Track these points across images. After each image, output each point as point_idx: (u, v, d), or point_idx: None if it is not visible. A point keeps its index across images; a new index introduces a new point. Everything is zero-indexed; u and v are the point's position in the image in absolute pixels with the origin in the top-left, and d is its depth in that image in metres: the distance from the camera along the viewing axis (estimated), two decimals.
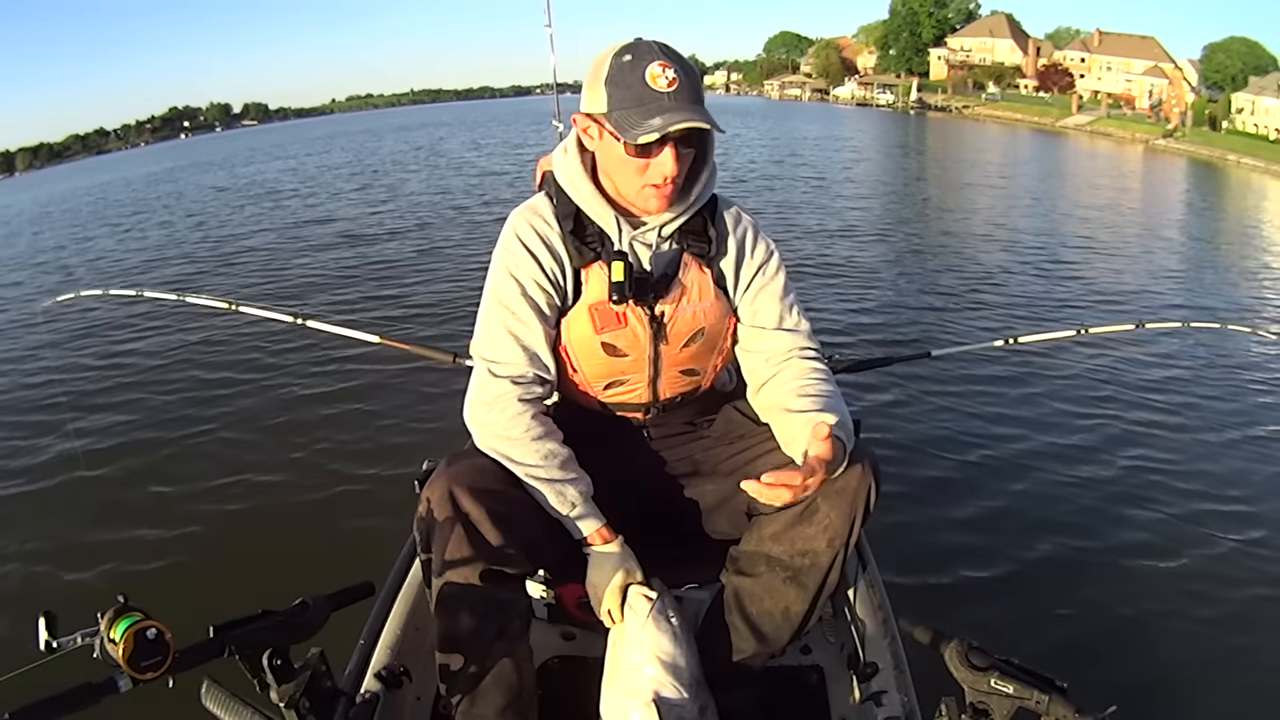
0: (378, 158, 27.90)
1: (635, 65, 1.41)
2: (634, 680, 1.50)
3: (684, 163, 1.48)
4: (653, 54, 1.41)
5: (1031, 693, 1.23)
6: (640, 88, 1.40)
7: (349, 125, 68.39)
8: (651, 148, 1.43)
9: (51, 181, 44.53)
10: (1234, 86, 50.95)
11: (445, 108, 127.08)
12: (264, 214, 15.33)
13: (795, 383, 1.58)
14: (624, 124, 1.41)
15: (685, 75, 1.41)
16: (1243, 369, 6.18)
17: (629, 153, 1.44)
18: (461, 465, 1.49)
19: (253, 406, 5.40)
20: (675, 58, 1.42)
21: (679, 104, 1.39)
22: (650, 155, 1.44)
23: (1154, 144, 41.57)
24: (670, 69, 1.40)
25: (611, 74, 1.44)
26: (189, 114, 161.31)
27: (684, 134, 1.42)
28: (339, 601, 1.38)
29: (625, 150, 1.44)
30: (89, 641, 1.07)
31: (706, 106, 1.51)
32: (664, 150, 1.43)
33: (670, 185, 1.48)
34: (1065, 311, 7.81)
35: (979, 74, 70.17)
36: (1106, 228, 13.09)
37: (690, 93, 1.41)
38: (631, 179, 1.49)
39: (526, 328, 1.56)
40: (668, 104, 1.39)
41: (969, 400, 5.30)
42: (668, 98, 1.39)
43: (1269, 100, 44.78)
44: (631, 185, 1.50)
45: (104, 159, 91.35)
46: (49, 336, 7.41)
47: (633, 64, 1.41)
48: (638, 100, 1.40)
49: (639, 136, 1.39)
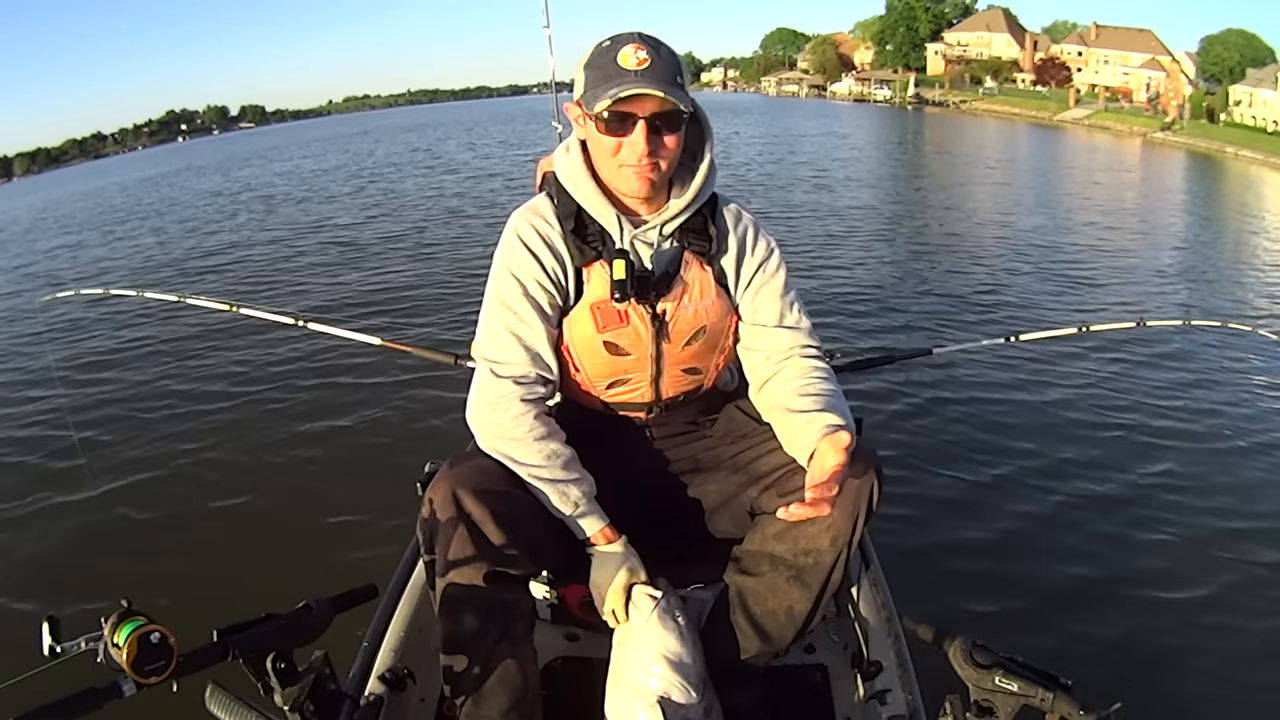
0: (373, 160, 27.79)
1: (611, 49, 1.45)
2: (639, 680, 1.50)
3: (660, 145, 1.48)
4: (630, 39, 1.45)
5: (1036, 690, 1.23)
6: (611, 67, 1.43)
7: (346, 127, 68.26)
8: (623, 126, 1.45)
9: (48, 187, 44.43)
10: (1232, 79, 51.02)
11: (442, 108, 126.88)
12: (257, 218, 15.29)
13: (796, 382, 1.58)
14: (590, 100, 1.45)
15: (659, 58, 1.43)
16: (1243, 367, 6.19)
17: (600, 130, 1.47)
18: (464, 466, 1.49)
19: (254, 409, 5.40)
20: (652, 43, 1.45)
21: (641, 80, 1.40)
22: (622, 134, 1.46)
23: (1152, 137, 41.62)
24: (643, 50, 1.42)
25: (590, 59, 1.48)
26: (186, 117, 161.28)
27: (660, 115, 1.44)
28: (342, 604, 1.38)
29: (597, 128, 1.47)
30: (93, 646, 1.07)
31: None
32: (635, 129, 1.45)
33: (647, 164, 1.48)
34: (1067, 309, 7.81)
35: (976, 68, 70.13)
36: (1107, 223, 13.09)
37: (661, 72, 1.43)
38: (608, 160, 1.51)
39: (528, 328, 1.56)
40: (632, 79, 1.41)
41: (971, 397, 5.31)
42: (634, 74, 1.41)
43: (1267, 92, 44.81)
44: (609, 166, 1.52)
45: (101, 163, 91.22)
46: (49, 336, 7.42)
47: (609, 48, 1.45)
48: (606, 77, 1.43)
49: (594, 105, 1.42)
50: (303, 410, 5.31)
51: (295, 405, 5.41)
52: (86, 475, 4.35)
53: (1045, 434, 4.84)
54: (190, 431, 5.10)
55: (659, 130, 1.46)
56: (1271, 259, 11.39)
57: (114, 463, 4.70)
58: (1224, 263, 11.12)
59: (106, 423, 5.33)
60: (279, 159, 33.87)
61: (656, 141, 1.47)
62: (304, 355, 6.17)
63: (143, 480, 4.48)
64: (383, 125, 62.75)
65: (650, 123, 1.44)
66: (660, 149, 1.48)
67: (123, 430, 5.20)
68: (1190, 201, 19.37)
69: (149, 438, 5.06)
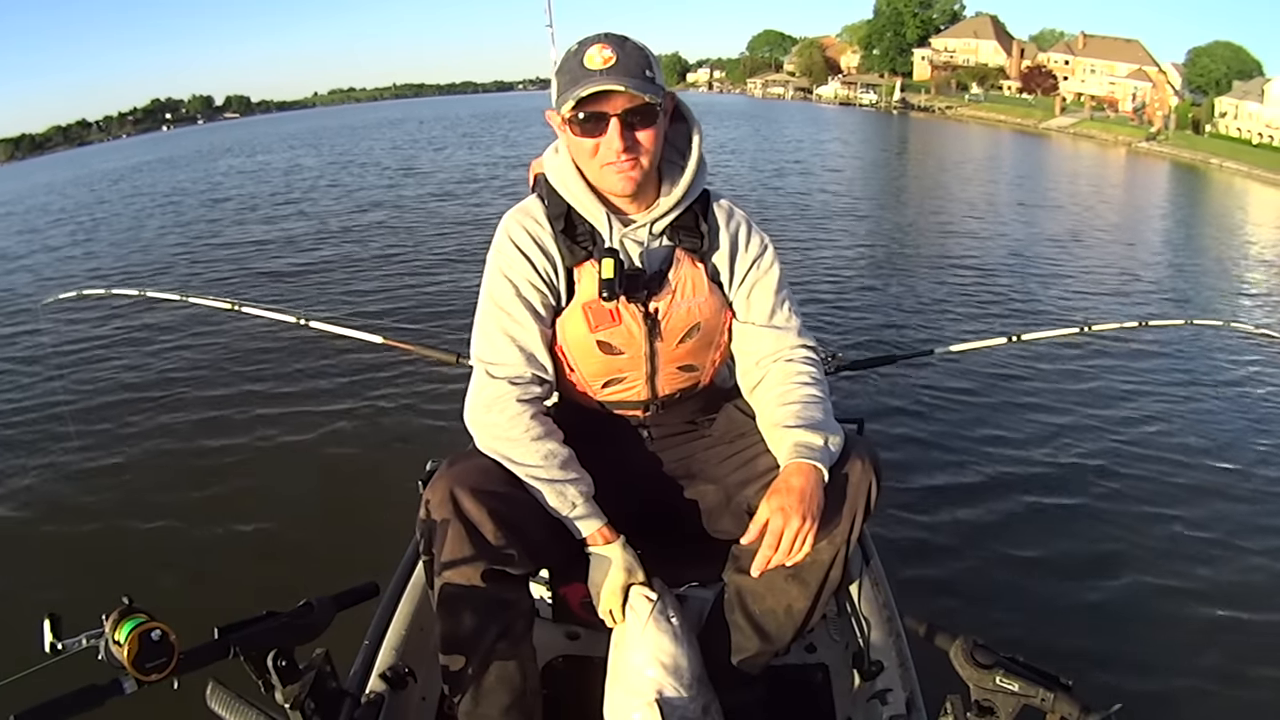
0: (371, 157, 27.59)
1: (578, 52, 1.45)
2: (636, 681, 1.50)
3: (634, 140, 1.48)
4: (596, 40, 1.45)
5: (1036, 690, 1.24)
6: (578, 70, 1.43)
7: (334, 119, 67.92)
8: (595, 126, 1.46)
9: (24, 175, 43.92)
10: (1218, 90, 51.54)
11: (428, 102, 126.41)
12: (247, 216, 15.12)
13: (779, 389, 1.59)
14: (560, 104, 1.46)
15: (624, 55, 1.43)
16: (1245, 367, 6.26)
17: (575, 133, 1.48)
18: (463, 466, 1.49)
19: (255, 408, 5.39)
20: (618, 41, 1.45)
21: (606, 78, 1.41)
22: (597, 134, 1.46)
23: (1137, 147, 41.95)
24: (608, 49, 1.43)
25: (561, 65, 1.49)
26: (171, 106, 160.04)
27: (631, 110, 1.44)
28: (343, 602, 1.38)
29: (571, 131, 1.48)
30: (94, 644, 1.07)
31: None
32: (608, 127, 1.45)
33: (627, 161, 1.48)
34: (1066, 310, 7.91)
35: (963, 75, 70.51)
36: (1100, 227, 13.35)
37: (627, 68, 1.43)
38: (588, 161, 1.52)
39: (522, 328, 1.56)
40: (596, 79, 1.41)
41: (973, 397, 5.37)
42: (599, 74, 1.41)
43: (1252, 105, 45.26)
44: (592, 168, 1.52)
45: (85, 150, 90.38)
46: (49, 335, 7.33)
47: (577, 51, 1.45)
48: (573, 80, 1.44)
49: (561, 106, 1.44)
50: (304, 408, 5.31)
51: (297, 403, 5.41)
52: (86, 475, 4.38)
53: (1046, 434, 4.89)
54: (191, 430, 5.10)
55: (633, 126, 1.46)
56: (1266, 263, 11.58)
57: (114, 461, 4.69)
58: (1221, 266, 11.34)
59: (106, 422, 5.31)
60: (270, 151, 33.62)
61: (630, 138, 1.47)
62: (305, 354, 6.15)
63: (143, 479, 4.48)
64: (370, 119, 62.27)
65: (624, 120, 1.45)
66: (635, 145, 1.48)
67: (123, 429, 5.18)
68: (1175, 210, 19.67)
69: (149, 436, 5.05)
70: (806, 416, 1.51)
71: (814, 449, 1.45)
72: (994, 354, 5.63)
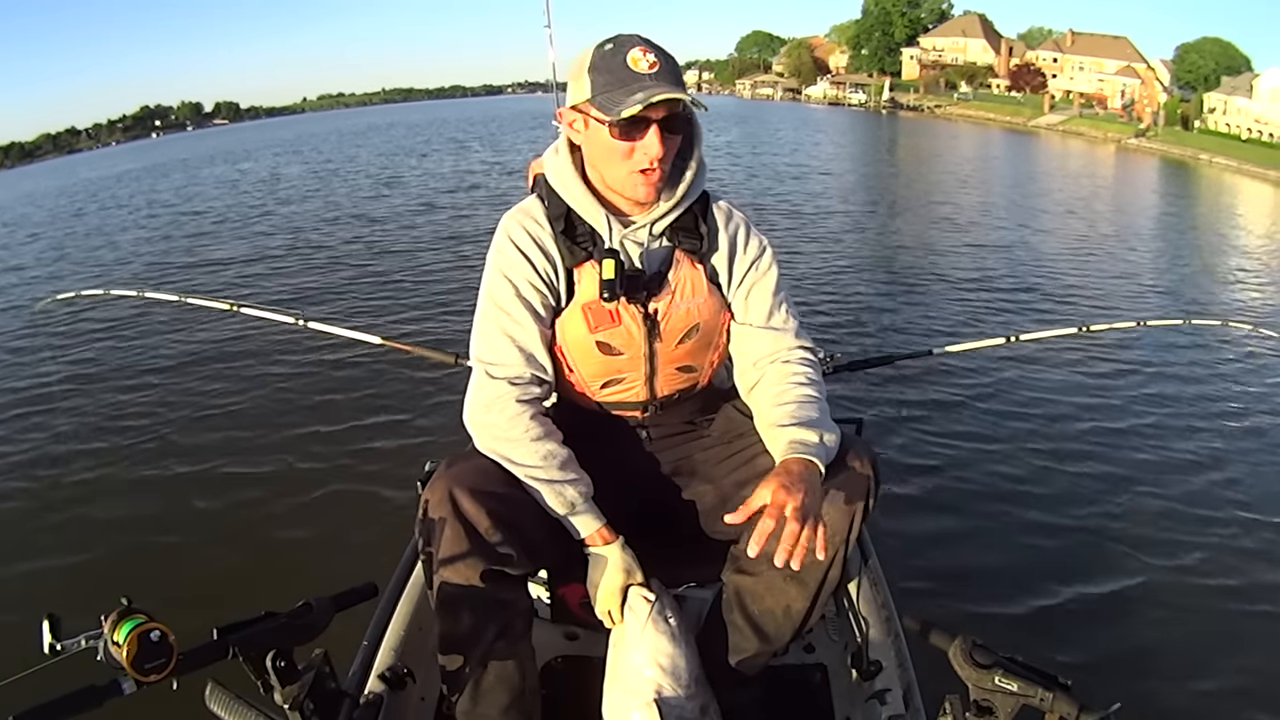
0: (366, 163, 27.53)
1: (617, 51, 1.45)
2: (634, 681, 1.50)
3: (669, 147, 1.49)
4: (633, 41, 1.45)
5: (1035, 690, 1.24)
6: (623, 70, 1.43)
7: (321, 125, 67.73)
8: (636, 130, 1.44)
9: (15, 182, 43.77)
10: (1206, 86, 51.78)
11: (417, 107, 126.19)
12: (248, 218, 15.07)
13: (776, 389, 1.59)
14: (608, 105, 1.44)
15: (665, 60, 1.44)
16: (1245, 366, 6.27)
17: (614, 135, 1.45)
18: (462, 466, 1.48)
19: (254, 408, 5.40)
20: (655, 45, 1.46)
21: (659, 83, 1.41)
22: (635, 138, 1.45)
23: (1126, 143, 42.16)
24: (650, 53, 1.44)
25: (595, 62, 1.47)
26: (160, 113, 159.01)
27: (667, 117, 1.45)
28: (342, 603, 1.38)
29: (610, 134, 1.46)
30: (93, 644, 1.07)
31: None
32: (649, 132, 1.44)
33: (657, 170, 1.49)
34: (1064, 309, 7.93)
35: (951, 74, 70.60)
36: (1095, 225, 13.42)
37: (671, 75, 1.44)
38: (618, 165, 1.50)
39: (522, 329, 1.56)
40: (649, 82, 1.41)
41: (971, 397, 5.38)
42: (649, 78, 1.41)
43: (1241, 100, 45.55)
44: (619, 172, 1.51)
45: (74, 158, 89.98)
46: (46, 336, 7.35)
47: (614, 50, 1.45)
48: (620, 81, 1.43)
49: (623, 111, 1.41)
50: (303, 409, 5.31)
51: (296, 404, 5.41)
52: (86, 474, 4.38)
53: (1045, 434, 4.90)
54: (190, 430, 5.09)
55: (669, 132, 1.47)
56: (1261, 259, 11.64)
57: (113, 461, 4.69)
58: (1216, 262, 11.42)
59: (106, 422, 5.31)
60: (257, 158, 33.53)
61: (668, 144, 1.48)
62: (304, 354, 6.16)
63: (143, 478, 4.48)
64: (359, 124, 62.12)
65: (663, 125, 1.45)
66: (670, 151, 1.49)
67: (122, 429, 5.18)
68: (1169, 205, 19.80)
69: (148, 436, 5.05)
70: (803, 415, 1.51)
71: (810, 445, 1.44)
72: (992, 354, 5.64)
